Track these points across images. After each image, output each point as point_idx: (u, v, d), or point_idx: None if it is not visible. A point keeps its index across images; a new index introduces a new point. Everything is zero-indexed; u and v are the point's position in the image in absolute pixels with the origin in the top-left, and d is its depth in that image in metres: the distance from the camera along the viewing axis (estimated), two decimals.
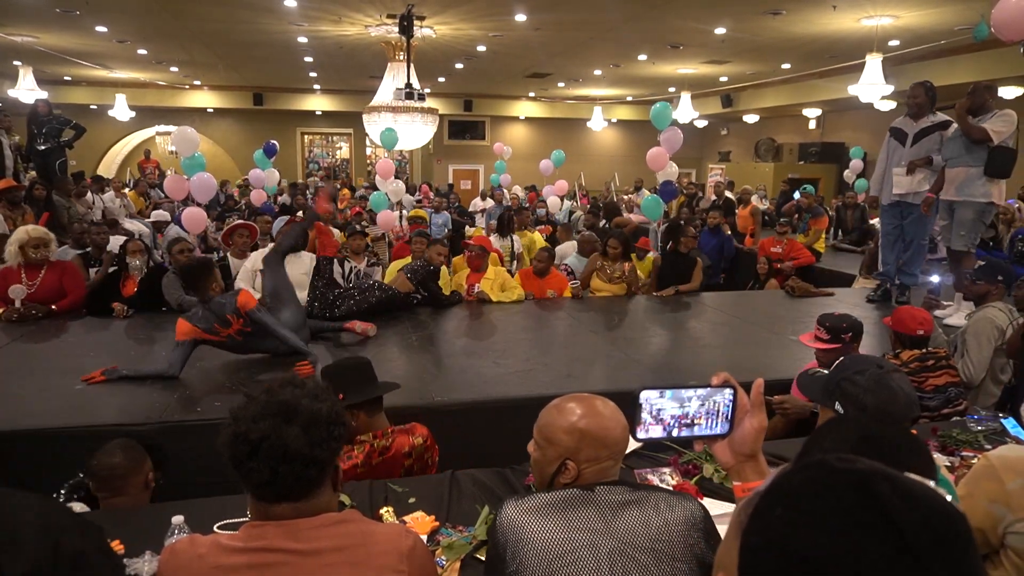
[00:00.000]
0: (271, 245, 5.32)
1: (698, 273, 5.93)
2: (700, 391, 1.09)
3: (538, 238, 7.72)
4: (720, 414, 1.10)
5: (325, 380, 2.40)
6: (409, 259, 5.48)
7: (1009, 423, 2.78)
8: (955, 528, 0.56)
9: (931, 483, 0.61)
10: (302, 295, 5.27)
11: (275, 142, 10.98)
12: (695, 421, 1.09)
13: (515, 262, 7.08)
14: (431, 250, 5.11)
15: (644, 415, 1.07)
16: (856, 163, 12.10)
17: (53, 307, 4.66)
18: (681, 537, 1.38)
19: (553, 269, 5.83)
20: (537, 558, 1.36)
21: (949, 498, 0.60)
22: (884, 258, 5.41)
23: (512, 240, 7.21)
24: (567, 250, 6.86)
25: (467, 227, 10.08)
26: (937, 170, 4.97)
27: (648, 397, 1.07)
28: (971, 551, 0.55)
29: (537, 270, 5.69)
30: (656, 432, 1.08)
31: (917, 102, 5.01)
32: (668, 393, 1.08)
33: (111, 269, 5.09)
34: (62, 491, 2.32)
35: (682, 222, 6.69)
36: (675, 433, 1.09)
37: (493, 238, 7.12)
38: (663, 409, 1.07)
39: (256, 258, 5.17)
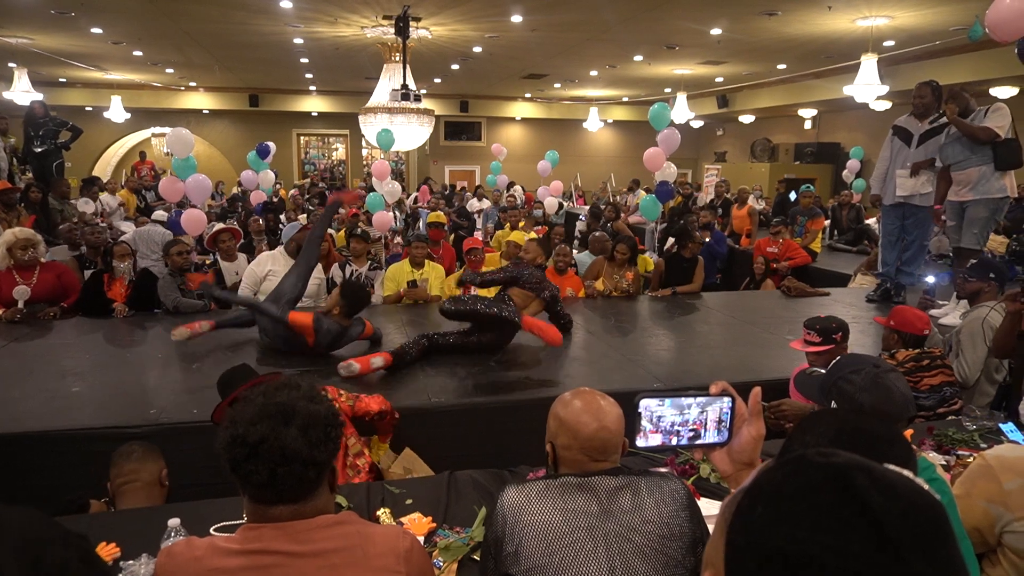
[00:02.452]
0: (280, 248, 5.29)
1: (699, 274, 5.96)
2: (699, 399, 1.09)
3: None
4: (719, 422, 1.11)
5: (223, 386, 2.56)
6: (407, 261, 5.45)
7: (1007, 428, 2.78)
8: (934, 519, 0.56)
9: (909, 473, 0.61)
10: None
11: (268, 143, 10.95)
12: (694, 429, 1.10)
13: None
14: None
15: (644, 423, 1.07)
16: (853, 163, 12.13)
17: (63, 304, 4.69)
18: (670, 516, 1.45)
19: (570, 270, 5.85)
20: (536, 540, 1.41)
21: (927, 487, 0.60)
22: (884, 258, 5.40)
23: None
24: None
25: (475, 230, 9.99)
26: (939, 171, 4.97)
27: (647, 405, 1.07)
28: (950, 541, 0.56)
29: (559, 266, 5.70)
30: (655, 440, 1.08)
31: (924, 102, 4.98)
32: (667, 401, 1.08)
33: (93, 271, 5.15)
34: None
35: (688, 227, 6.71)
36: (674, 441, 1.10)
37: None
38: (662, 417, 1.08)
39: (262, 261, 5.13)
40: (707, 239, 7.53)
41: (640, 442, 1.08)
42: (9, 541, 0.63)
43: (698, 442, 1.11)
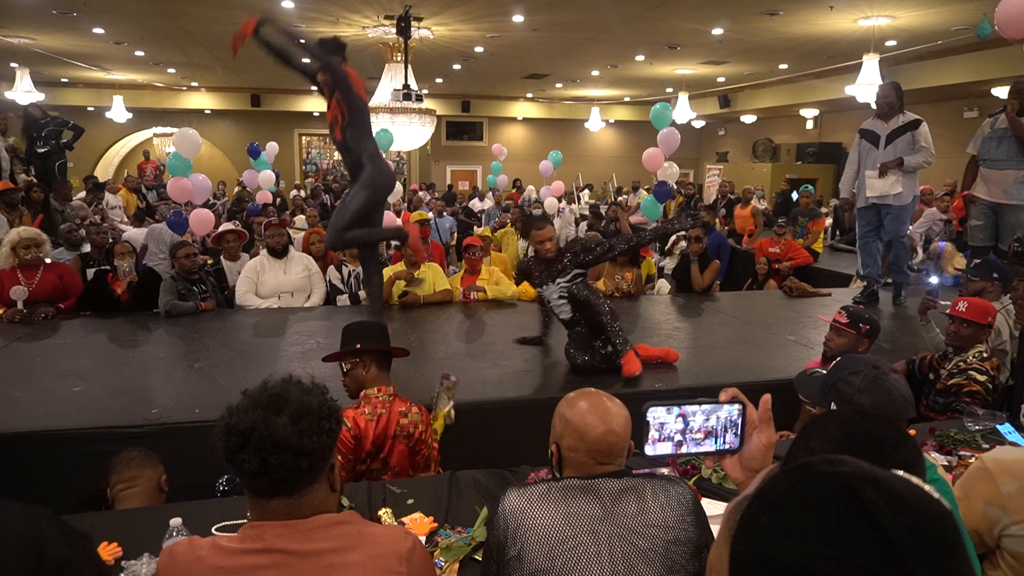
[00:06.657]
0: (264, 252, 5.27)
1: (709, 273, 6.01)
2: (707, 407, 1.08)
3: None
4: (730, 430, 1.10)
5: (347, 334, 2.64)
6: (402, 264, 5.45)
7: (1005, 429, 2.78)
8: (942, 530, 0.55)
9: (915, 480, 0.60)
10: (299, 298, 5.27)
11: (257, 144, 10.95)
12: (704, 437, 1.09)
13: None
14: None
15: (652, 431, 1.06)
16: None
17: (60, 306, 4.68)
18: (676, 521, 1.43)
19: None
20: (539, 543, 1.40)
21: (937, 495, 0.59)
22: (864, 260, 5.39)
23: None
24: None
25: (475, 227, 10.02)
26: (908, 171, 4.95)
27: (655, 414, 1.06)
28: (958, 553, 0.55)
29: None
30: (664, 448, 1.07)
31: (889, 102, 5.00)
32: (675, 409, 1.06)
33: (96, 269, 5.17)
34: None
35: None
36: (684, 449, 1.08)
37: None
38: (670, 425, 1.06)
39: (251, 268, 5.17)
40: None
41: (648, 450, 1.07)
42: (13, 535, 0.63)
43: (708, 450, 1.10)
